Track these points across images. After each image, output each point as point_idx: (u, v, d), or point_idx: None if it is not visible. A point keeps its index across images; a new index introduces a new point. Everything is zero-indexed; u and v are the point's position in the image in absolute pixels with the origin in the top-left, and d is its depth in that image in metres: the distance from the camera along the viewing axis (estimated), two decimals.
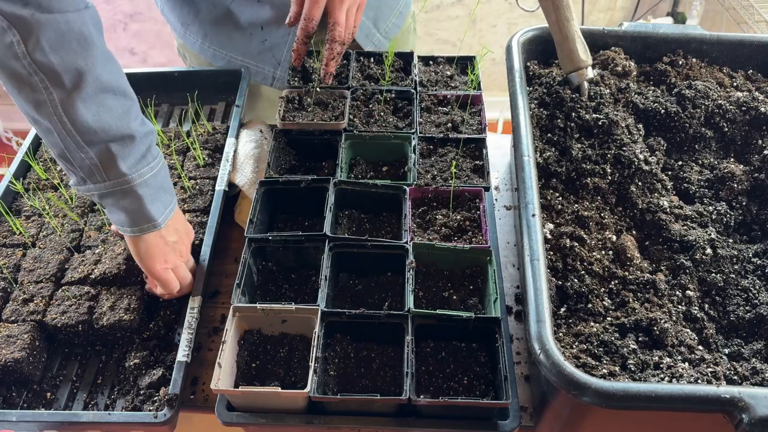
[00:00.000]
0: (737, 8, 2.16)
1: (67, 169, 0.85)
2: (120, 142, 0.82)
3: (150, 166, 0.86)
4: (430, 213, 1.01)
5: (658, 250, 0.94)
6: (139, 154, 0.85)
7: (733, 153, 1.05)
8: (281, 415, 0.83)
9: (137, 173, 0.85)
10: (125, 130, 0.82)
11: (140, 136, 0.84)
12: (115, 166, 0.83)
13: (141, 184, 0.85)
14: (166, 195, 0.90)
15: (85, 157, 0.82)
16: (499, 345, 0.85)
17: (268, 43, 1.22)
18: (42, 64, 0.74)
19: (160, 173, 0.88)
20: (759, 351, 0.82)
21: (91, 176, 0.84)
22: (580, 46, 1.01)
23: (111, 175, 0.83)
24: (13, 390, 0.91)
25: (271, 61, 1.26)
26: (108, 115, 0.81)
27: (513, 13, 2.67)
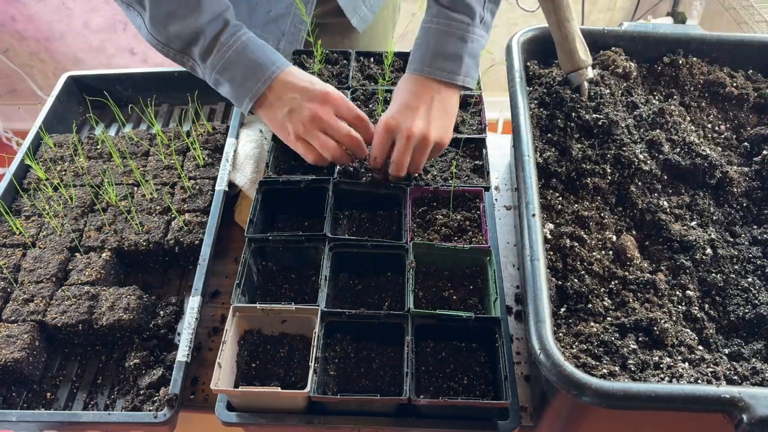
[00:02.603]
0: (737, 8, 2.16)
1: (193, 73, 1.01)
2: (194, 40, 0.95)
3: (222, 52, 0.95)
4: (430, 213, 1.01)
5: (658, 250, 0.94)
6: (206, 45, 0.95)
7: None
8: (281, 415, 0.83)
9: (212, 61, 0.95)
10: (192, 29, 0.94)
11: (208, 30, 0.94)
12: (198, 60, 0.97)
13: (221, 69, 0.95)
14: (252, 71, 0.95)
15: (182, 60, 0.98)
16: (499, 345, 0.85)
17: (273, 14, 1.22)
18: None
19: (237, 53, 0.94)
20: (759, 351, 0.82)
21: (197, 73, 1.00)
22: (580, 46, 1.01)
23: (200, 68, 0.98)
24: (13, 390, 0.91)
25: (275, 33, 1.25)
26: (175, 21, 0.94)
27: (513, 13, 2.67)
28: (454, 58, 0.95)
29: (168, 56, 0.99)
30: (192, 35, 0.95)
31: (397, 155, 0.96)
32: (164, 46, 0.98)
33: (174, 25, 0.95)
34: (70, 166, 1.17)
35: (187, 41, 0.96)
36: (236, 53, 0.95)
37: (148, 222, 1.06)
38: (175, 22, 0.94)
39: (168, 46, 0.97)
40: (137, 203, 1.09)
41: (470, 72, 0.97)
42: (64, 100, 1.30)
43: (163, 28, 0.95)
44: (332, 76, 1.23)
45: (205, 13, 0.94)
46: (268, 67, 0.95)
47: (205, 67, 0.97)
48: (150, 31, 0.97)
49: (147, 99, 1.29)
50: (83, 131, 1.33)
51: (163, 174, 1.14)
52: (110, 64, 2.78)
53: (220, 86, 0.98)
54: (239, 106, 0.98)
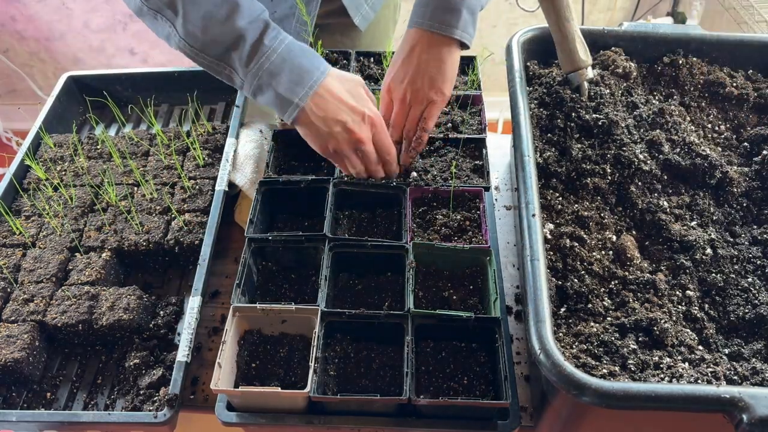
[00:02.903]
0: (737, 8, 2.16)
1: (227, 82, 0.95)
2: (234, 44, 0.90)
3: (266, 56, 0.90)
4: (430, 213, 1.01)
5: (658, 250, 0.94)
6: (249, 49, 0.90)
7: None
8: (281, 415, 0.83)
9: (256, 66, 0.90)
10: (233, 32, 0.89)
11: (249, 33, 0.89)
12: (239, 67, 0.91)
13: (265, 75, 0.90)
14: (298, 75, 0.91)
15: (218, 68, 0.93)
16: (499, 345, 0.85)
17: (278, 14, 1.21)
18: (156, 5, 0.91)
19: (281, 57, 0.91)
20: (759, 351, 0.82)
21: (234, 81, 0.94)
22: (580, 46, 1.01)
23: (240, 74, 0.92)
24: (13, 390, 0.91)
25: None
26: (212, 25, 0.89)
27: (513, 13, 2.67)
28: (452, 11, 0.95)
29: (203, 65, 0.94)
30: (232, 40, 0.89)
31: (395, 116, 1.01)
32: (199, 53, 0.92)
33: (212, 29, 0.89)
34: (70, 166, 1.17)
35: (226, 46, 0.90)
36: (281, 58, 0.90)
37: (148, 222, 1.06)
38: (213, 26, 0.89)
39: (203, 53, 0.92)
40: (137, 203, 1.10)
41: (467, 27, 0.97)
42: (64, 100, 1.30)
43: (199, 33, 0.90)
44: None
45: (244, 15, 0.89)
46: (313, 72, 0.92)
47: (247, 74, 0.91)
48: (183, 38, 0.91)
49: (147, 99, 1.29)
50: (83, 131, 1.33)
51: (163, 174, 1.14)
52: (110, 64, 2.78)
53: (262, 93, 0.92)
54: (282, 114, 0.93)
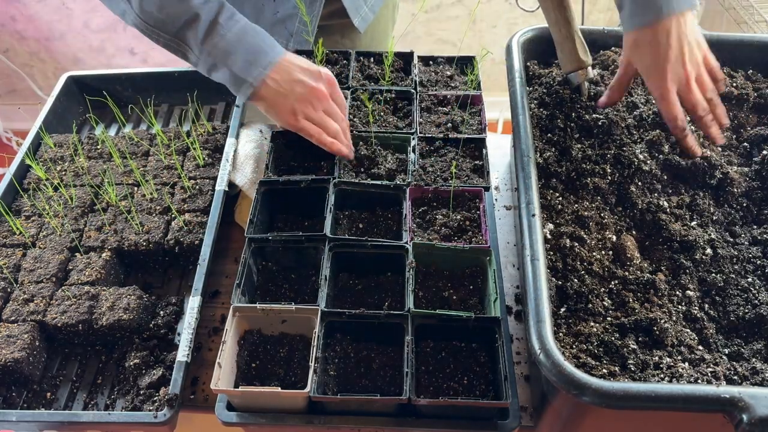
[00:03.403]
0: (737, 8, 2.16)
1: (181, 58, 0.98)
2: (189, 23, 0.92)
3: (221, 35, 0.92)
4: (430, 213, 1.01)
5: (658, 250, 0.94)
6: (204, 28, 0.92)
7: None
8: (281, 415, 0.83)
9: (210, 45, 0.93)
10: (188, 10, 0.92)
11: (204, 12, 0.92)
12: (194, 44, 0.94)
13: (220, 53, 0.93)
14: (253, 55, 0.94)
15: (173, 45, 0.95)
16: (499, 345, 0.85)
17: (281, 14, 1.22)
18: None
19: (237, 37, 0.93)
20: (759, 351, 0.82)
21: (188, 58, 0.96)
22: (580, 46, 1.01)
23: (195, 52, 0.94)
24: (13, 390, 0.91)
25: (283, 33, 1.25)
26: (168, 3, 0.91)
27: (513, 13, 2.67)
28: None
29: (158, 42, 0.96)
30: (186, 18, 0.92)
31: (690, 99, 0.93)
32: (154, 30, 0.95)
33: (167, 7, 0.92)
34: (70, 166, 1.17)
35: (179, 25, 0.93)
36: (236, 37, 0.93)
37: (148, 222, 1.06)
38: (168, 3, 0.92)
39: (159, 31, 0.95)
40: (137, 203, 1.10)
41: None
42: (64, 100, 1.30)
43: (154, 10, 0.92)
44: None
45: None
46: (268, 52, 0.95)
47: (201, 51, 0.94)
48: (139, 15, 0.94)
49: (147, 99, 1.29)
50: (83, 131, 1.33)
51: (163, 174, 1.14)
52: (110, 64, 2.78)
53: (216, 71, 0.96)
54: (237, 92, 0.96)
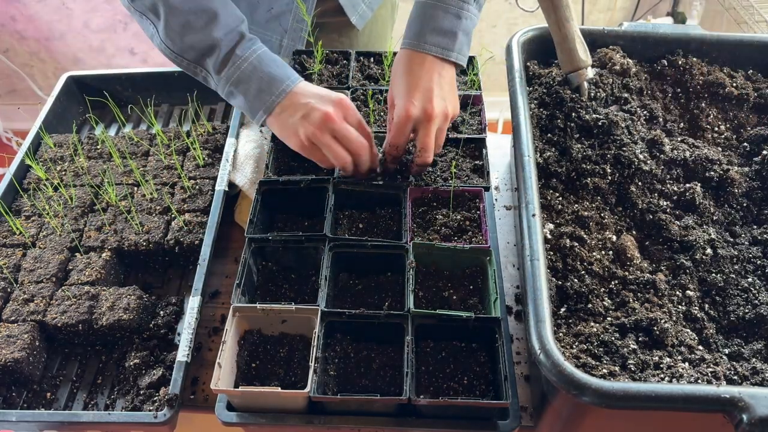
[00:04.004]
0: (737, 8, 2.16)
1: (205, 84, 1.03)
2: (209, 52, 0.96)
3: (236, 65, 0.96)
4: (430, 213, 1.01)
5: (658, 250, 0.94)
6: (221, 58, 0.96)
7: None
8: (281, 415, 0.83)
9: (227, 74, 0.97)
10: (208, 41, 0.96)
11: (224, 43, 0.96)
12: (213, 72, 0.98)
13: (235, 82, 0.97)
14: (267, 84, 0.96)
15: (195, 71, 1.00)
16: (499, 345, 0.85)
17: (275, 11, 1.22)
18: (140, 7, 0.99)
19: (252, 66, 0.96)
20: (759, 351, 0.82)
21: (209, 84, 1.01)
22: (579, 47, 1.01)
23: (214, 80, 0.99)
24: (13, 390, 0.91)
25: (277, 30, 1.25)
26: (190, 33, 0.96)
27: (513, 13, 2.67)
28: (449, 34, 0.95)
29: (181, 66, 1.00)
30: (207, 47, 0.96)
31: (424, 140, 0.95)
32: (177, 56, 0.99)
33: (189, 36, 0.96)
34: (70, 166, 1.17)
35: (201, 53, 0.97)
36: (252, 66, 0.96)
37: (148, 222, 1.06)
38: (191, 33, 0.95)
39: (181, 57, 0.99)
40: (137, 203, 1.10)
41: (463, 49, 0.98)
42: (64, 100, 1.30)
43: (178, 38, 0.97)
44: (332, 76, 1.23)
45: (221, 25, 0.95)
46: (283, 81, 0.96)
47: (219, 79, 0.98)
48: (164, 41, 0.98)
49: (147, 99, 1.29)
50: (83, 131, 1.33)
51: (163, 174, 1.14)
52: (110, 64, 2.79)
53: (234, 98, 0.99)
54: (252, 118, 0.99)
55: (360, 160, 0.97)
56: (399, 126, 0.94)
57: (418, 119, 0.94)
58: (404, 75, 0.96)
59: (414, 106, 0.93)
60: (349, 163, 0.96)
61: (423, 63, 0.95)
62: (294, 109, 0.96)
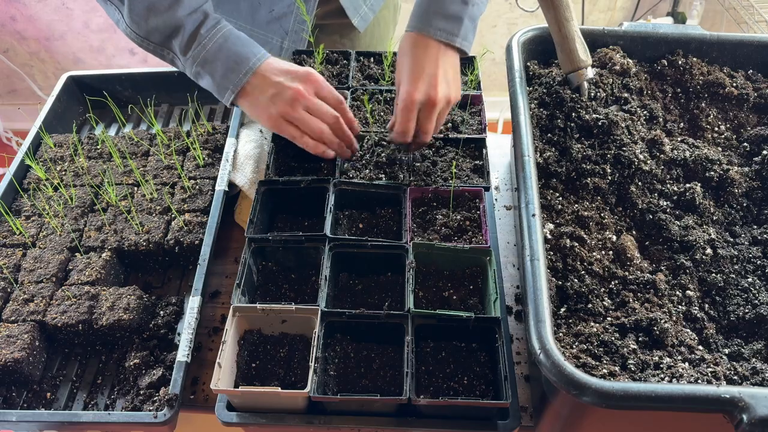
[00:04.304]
0: (737, 8, 2.16)
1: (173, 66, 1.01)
2: (174, 33, 0.96)
3: (202, 45, 0.95)
4: (430, 213, 1.01)
5: (658, 250, 0.94)
6: (186, 38, 0.95)
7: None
8: (281, 415, 0.83)
9: (193, 54, 0.96)
10: (172, 22, 0.95)
11: (188, 23, 0.95)
12: (179, 53, 0.97)
13: (201, 62, 0.96)
14: (234, 63, 0.96)
15: (161, 52, 0.99)
16: (499, 345, 0.85)
17: (276, 12, 1.22)
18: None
19: (218, 45, 0.95)
20: (759, 351, 0.82)
21: (177, 66, 1.00)
22: (579, 47, 1.01)
23: (181, 61, 0.98)
24: (13, 390, 0.91)
25: (279, 32, 1.25)
26: (154, 15, 0.94)
27: (513, 13, 2.67)
28: (455, 19, 0.95)
29: (148, 50, 0.99)
30: (171, 28, 0.95)
31: (425, 124, 0.98)
32: (143, 39, 0.98)
33: (153, 18, 0.95)
34: (70, 166, 1.17)
35: (166, 34, 0.96)
36: (217, 46, 0.96)
37: (148, 222, 1.06)
38: (155, 15, 0.95)
39: (147, 40, 0.98)
40: (137, 203, 1.10)
41: (468, 36, 0.98)
42: (64, 100, 1.30)
43: (142, 21, 0.96)
44: (332, 76, 1.23)
45: (184, 6, 0.95)
46: (249, 59, 0.96)
47: (186, 60, 0.97)
48: (129, 25, 0.97)
49: (147, 99, 1.29)
50: (83, 131, 1.33)
51: (163, 174, 1.14)
52: (110, 64, 2.79)
53: (201, 79, 0.99)
54: (221, 98, 0.98)
55: (337, 129, 0.99)
56: (404, 112, 0.97)
57: (422, 104, 0.96)
58: (408, 59, 0.97)
59: (418, 92, 0.95)
60: (327, 133, 0.98)
61: (427, 48, 0.96)
62: (264, 89, 0.96)
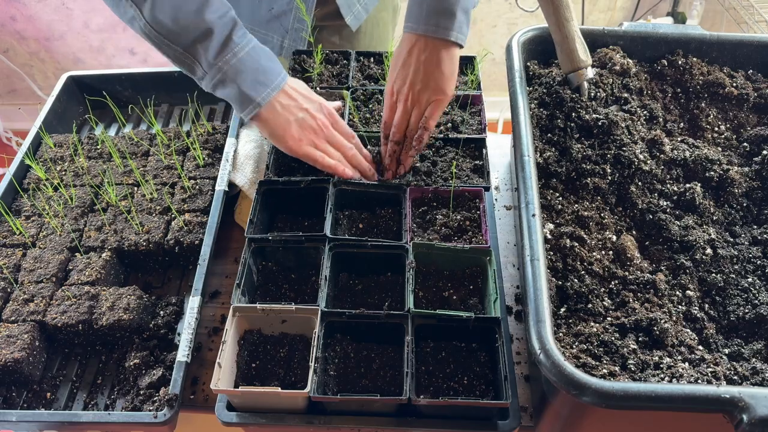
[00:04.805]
0: (737, 8, 2.16)
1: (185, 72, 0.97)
2: (202, 37, 0.92)
3: (233, 52, 0.93)
4: (430, 213, 1.01)
5: (658, 250, 0.94)
6: (218, 43, 0.92)
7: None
8: (281, 415, 0.83)
9: (222, 61, 0.93)
10: (202, 24, 0.91)
11: (218, 27, 0.92)
12: (204, 59, 0.93)
13: (230, 70, 0.93)
14: (263, 75, 0.95)
15: (181, 57, 0.94)
16: (499, 345, 0.85)
17: (275, 11, 1.22)
18: None
19: (249, 56, 0.94)
20: (759, 351, 0.82)
21: (194, 72, 0.95)
22: (579, 47, 1.00)
23: (204, 66, 0.94)
24: (13, 390, 0.91)
25: (279, 30, 1.25)
26: (182, 15, 0.91)
27: (513, 13, 2.67)
28: (447, 13, 0.96)
29: (165, 52, 0.94)
30: (200, 31, 0.91)
31: (398, 118, 1.01)
32: (164, 39, 0.92)
33: (182, 19, 0.90)
34: (70, 166, 1.17)
35: (193, 38, 0.91)
36: (248, 56, 0.94)
37: (148, 222, 1.06)
38: (183, 15, 0.90)
39: (169, 41, 0.92)
40: (137, 203, 1.10)
41: (462, 28, 0.98)
42: (64, 100, 1.30)
43: (168, 20, 0.90)
44: (332, 76, 1.23)
45: (213, 9, 0.92)
46: (277, 75, 0.97)
47: (212, 67, 0.93)
48: (150, 23, 0.91)
49: (147, 99, 1.29)
50: (83, 131, 1.33)
51: (163, 174, 1.14)
52: (110, 64, 2.79)
53: (224, 88, 0.95)
54: (242, 110, 0.96)
55: (353, 159, 1.03)
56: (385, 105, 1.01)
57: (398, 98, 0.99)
58: (405, 59, 0.98)
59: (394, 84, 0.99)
60: (344, 162, 1.02)
61: (425, 47, 0.96)
62: (292, 110, 0.97)
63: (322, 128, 0.99)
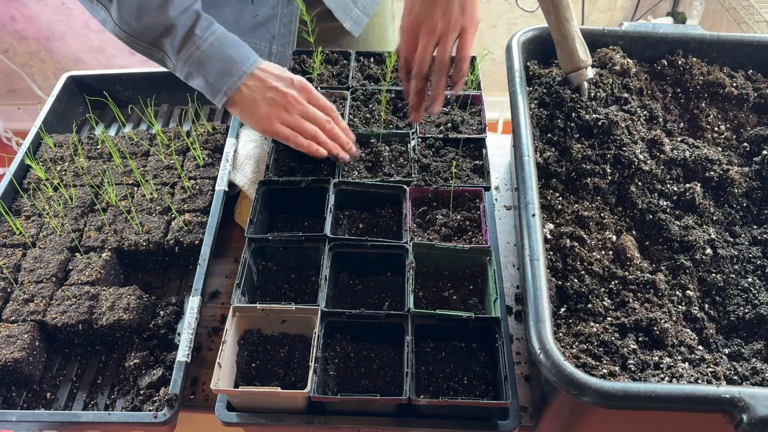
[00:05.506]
0: (737, 8, 2.16)
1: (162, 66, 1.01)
2: (166, 32, 0.95)
3: (196, 45, 0.95)
4: (430, 213, 1.01)
5: (658, 250, 0.94)
6: (180, 38, 0.95)
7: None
8: (281, 415, 0.83)
9: (186, 54, 0.95)
10: (165, 20, 0.94)
11: (180, 22, 0.94)
12: (171, 53, 0.96)
13: (195, 63, 0.96)
14: (228, 64, 0.96)
15: (151, 52, 0.98)
16: (499, 345, 0.85)
17: (260, 17, 1.22)
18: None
19: (212, 47, 0.96)
20: (759, 351, 0.82)
21: (167, 66, 0.99)
22: (579, 47, 1.00)
23: (173, 60, 0.97)
24: (13, 390, 0.91)
25: (265, 36, 1.25)
26: (145, 14, 0.94)
27: (513, 13, 2.67)
28: None
29: (137, 49, 0.99)
30: (163, 27, 0.95)
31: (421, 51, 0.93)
32: (133, 39, 0.98)
33: (144, 17, 0.95)
34: (70, 166, 1.17)
35: (158, 33, 0.96)
36: (211, 47, 0.96)
37: (148, 222, 1.06)
38: (146, 14, 0.95)
39: (137, 39, 0.98)
40: (137, 203, 1.10)
41: None
42: (64, 100, 1.30)
43: (133, 21, 0.96)
44: (332, 76, 1.23)
45: (175, 5, 0.95)
46: (243, 62, 0.97)
47: (178, 60, 0.97)
48: (118, 24, 0.97)
49: (147, 99, 1.29)
50: (83, 131, 1.33)
51: (163, 174, 1.14)
52: (110, 64, 2.79)
53: (193, 79, 0.99)
54: (213, 99, 0.99)
55: (330, 132, 1.01)
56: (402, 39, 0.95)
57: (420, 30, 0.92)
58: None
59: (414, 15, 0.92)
60: (321, 135, 1.01)
61: None
62: (260, 91, 0.97)
63: (293, 103, 0.98)
